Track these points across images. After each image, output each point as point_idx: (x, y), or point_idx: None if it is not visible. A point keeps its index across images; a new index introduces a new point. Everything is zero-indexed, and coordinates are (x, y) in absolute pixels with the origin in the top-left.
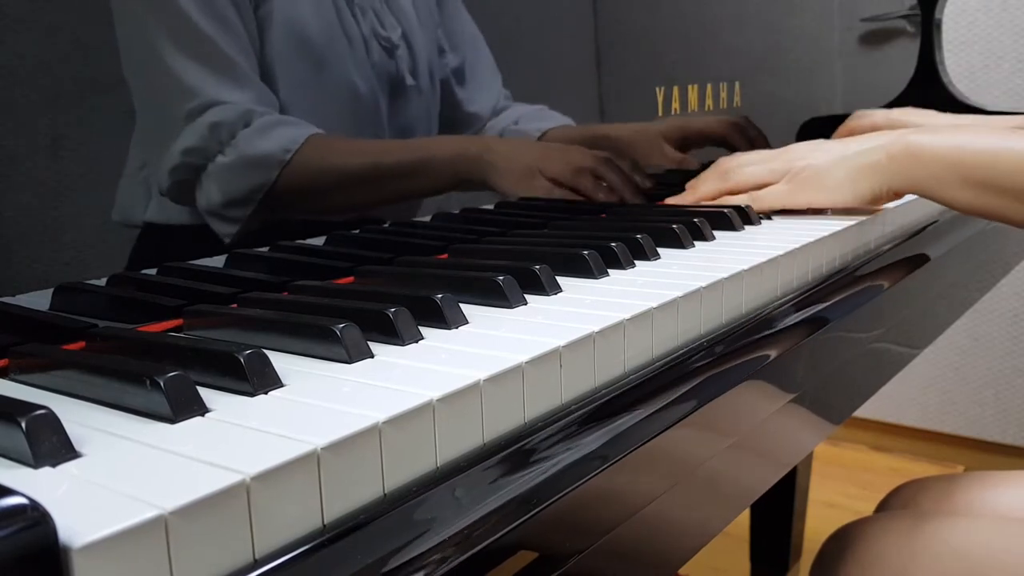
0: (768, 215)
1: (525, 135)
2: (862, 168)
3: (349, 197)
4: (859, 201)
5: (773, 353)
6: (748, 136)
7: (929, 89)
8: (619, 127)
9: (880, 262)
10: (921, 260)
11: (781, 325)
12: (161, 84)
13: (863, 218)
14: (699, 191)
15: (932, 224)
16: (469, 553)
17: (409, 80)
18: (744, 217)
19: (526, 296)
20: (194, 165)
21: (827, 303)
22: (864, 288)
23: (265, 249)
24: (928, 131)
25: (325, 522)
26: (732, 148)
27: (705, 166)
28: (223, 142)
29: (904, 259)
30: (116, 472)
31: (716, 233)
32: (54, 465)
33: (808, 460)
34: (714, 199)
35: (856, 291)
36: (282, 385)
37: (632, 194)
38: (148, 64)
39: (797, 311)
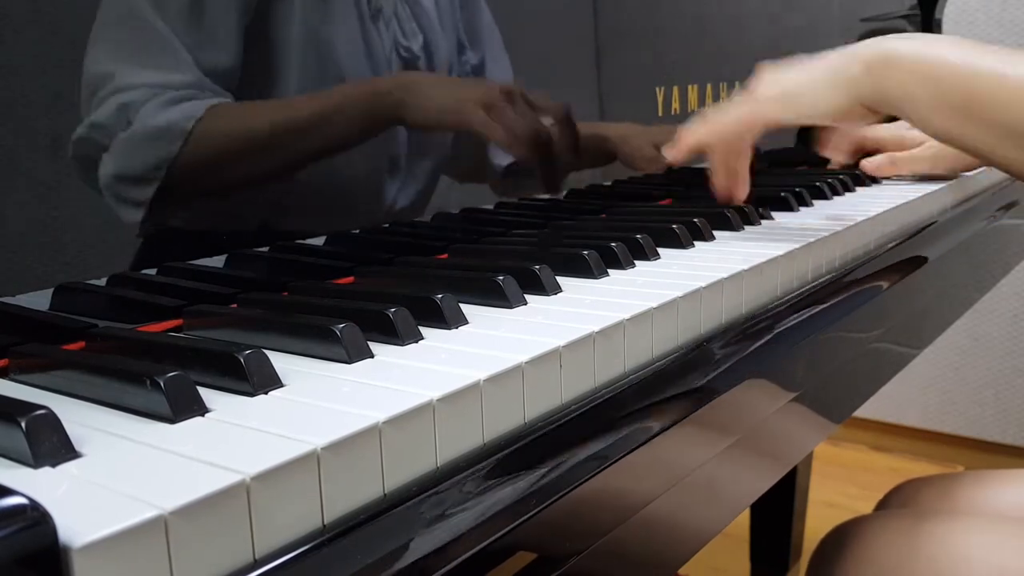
0: (763, 214)
1: None
2: (834, 79)
3: (265, 162)
4: (831, 116)
5: (773, 353)
6: None
7: None
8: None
9: (880, 262)
10: (921, 260)
11: (781, 325)
12: (95, 57)
13: (862, 219)
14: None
15: (932, 224)
16: (469, 553)
17: None
18: (744, 217)
19: (526, 296)
20: (98, 142)
21: (827, 303)
22: (864, 288)
23: (265, 249)
24: (912, 39)
25: (325, 522)
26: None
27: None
28: (130, 121)
29: (904, 259)
30: (116, 472)
31: (716, 233)
32: (54, 465)
33: (808, 460)
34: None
35: (856, 291)
36: (282, 385)
37: (533, 134)
38: (94, 36)
39: (797, 311)
